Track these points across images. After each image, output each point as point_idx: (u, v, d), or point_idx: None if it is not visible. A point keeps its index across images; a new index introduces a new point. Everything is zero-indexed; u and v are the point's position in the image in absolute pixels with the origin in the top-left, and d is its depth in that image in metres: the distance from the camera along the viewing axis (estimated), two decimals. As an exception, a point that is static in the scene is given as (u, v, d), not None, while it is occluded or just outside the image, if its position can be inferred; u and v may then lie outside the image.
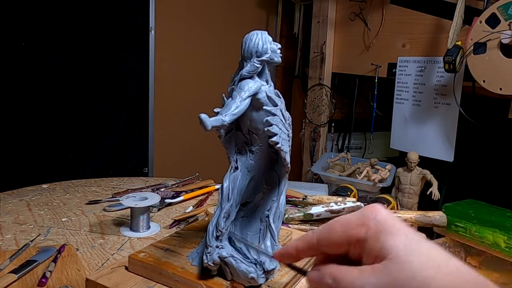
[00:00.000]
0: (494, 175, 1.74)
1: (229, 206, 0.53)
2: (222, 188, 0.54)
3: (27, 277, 0.64)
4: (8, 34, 1.53)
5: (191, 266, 0.54)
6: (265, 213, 0.55)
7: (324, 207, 0.90)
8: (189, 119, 2.16)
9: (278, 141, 0.50)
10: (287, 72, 2.40)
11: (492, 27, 1.13)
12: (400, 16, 1.58)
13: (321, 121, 1.96)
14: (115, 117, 1.86)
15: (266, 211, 0.55)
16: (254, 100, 0.51)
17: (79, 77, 1.72)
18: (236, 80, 0.52)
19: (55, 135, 1.70)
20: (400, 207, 1.46)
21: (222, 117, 0.46)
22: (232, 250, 0.52)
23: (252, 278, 0.50)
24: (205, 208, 0.99)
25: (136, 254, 0.56)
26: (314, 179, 1.94)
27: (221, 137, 0.54)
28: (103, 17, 1.74)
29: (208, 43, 2.14)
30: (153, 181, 1.23)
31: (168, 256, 0.56)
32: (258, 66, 0.51)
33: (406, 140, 1.60)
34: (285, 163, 0.54)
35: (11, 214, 0.92)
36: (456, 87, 1.36)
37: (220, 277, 0.52)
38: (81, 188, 1.14)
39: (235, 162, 0.55)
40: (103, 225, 0.89)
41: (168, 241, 0.61)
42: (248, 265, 0.51)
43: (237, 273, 0.50)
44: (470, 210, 1.02)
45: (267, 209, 0.56)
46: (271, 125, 0.49)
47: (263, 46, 0.51)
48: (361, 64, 1.75)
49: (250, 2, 2.29)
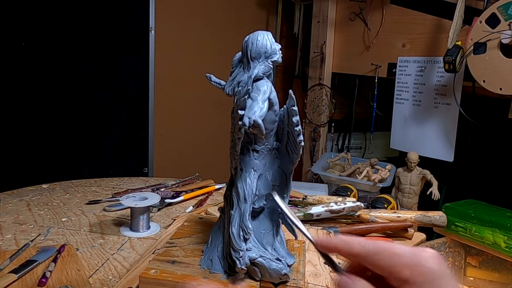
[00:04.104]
0: (494, 175, 1.74)
1: (248, 207, 0.52)
2: (236, 189, 0.53)
3: (27, 277, 0.64)
4: (8, 34, 1.53)
5: (211, 273, 0.52)
6: (277, 210, 0.55)
7: (324, 207, 0.90)
8: (189, 119, 2.17)
9: (302, 138, 0.51)
10: (287, 72, 2.40)
11: (492, 27, 1.13)
12: (400, 16, 1.58)
13: (321, 121, 1.96)
14: (115, 117, 1.86)
15: (277, 208, 0.56)
16: None
17: (79, 77, 1.72)
18: (250, 81, 0.51)
19: (55, 135, 1.70)
20: (400, 207, 1.46)
21: (254, 118, 0.47)
22: (259, 250, 0.51)
23: (285, 275, 0.50)
24: (205, 208, 0.99)
25: (145, 272, 0.52)
26: (314, 179, 1.94)
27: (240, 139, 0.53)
28: (103, 17, 1.74)
29: (208, 43, 2.14)
30: (153, 181, 1.23)
31: (180, 269, 0.53)
32: (271, 66, 0.52)
33: (406, 140, 1.60)
34: (296, 161, 0.55)
35: (11, 214, 0.92)
36: (456, 87, 1.36)
37: (248, 279, 0.51)
38: (81, 188, 1.14)
39: (239, 163, 0.55)
40: (103, 225, 0.89)
41: (168, 253, 0.57)
42: (277, 262, 0.51)
43: (269, 272, 0.50)
44: (470, 210, 1.02)
45: (278, 207, 0.56)
46: (298, 125, 0.50)
47: (272, 47, 0.52)
48: (361, 64, 1.75)
49: (250, 2, 2.29)
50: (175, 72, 2.05)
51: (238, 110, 0.48)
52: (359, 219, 0.92)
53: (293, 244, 0.61)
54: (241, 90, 0.52)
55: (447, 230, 1.03)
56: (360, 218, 0.91)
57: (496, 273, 1.00)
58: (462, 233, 1.01)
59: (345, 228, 0.87)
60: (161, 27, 1.93)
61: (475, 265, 1.03)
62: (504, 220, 0.95)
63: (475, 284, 1.02)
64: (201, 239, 0.61)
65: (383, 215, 0.91)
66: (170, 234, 0.72)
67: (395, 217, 0.91)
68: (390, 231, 0.89)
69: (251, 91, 0.51)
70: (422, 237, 0.92)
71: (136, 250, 0.78)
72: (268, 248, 0.53)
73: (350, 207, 0.90)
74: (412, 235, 0.89)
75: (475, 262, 1.03)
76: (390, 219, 0.91)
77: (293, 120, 0.50)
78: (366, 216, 0.90)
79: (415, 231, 0.91)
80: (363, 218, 0.91)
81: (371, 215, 0.90)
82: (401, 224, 0.89)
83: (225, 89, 0.56)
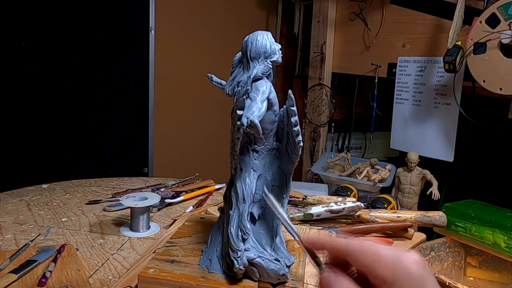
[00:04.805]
0: (494, 175, 1.74)
1: (247, 207, 0.52)
2: (235, 189, 0.53)
3: (27, 277, 0.64)
4: (8, 34, 1.53)
5: (210, 273, 0.52)
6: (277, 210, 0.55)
7: (324, 207, 0.90)
8: (189, 119, 2.17)
9: (300, 139, 0.51)
10: (287, 72, 2.40)
11: (492, 27, 1.13)
12: (400, 16, 1.58)
13: (321, 121, 1.96)
14: (115, 117, 1.86)
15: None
16: None
17: (79, 77, 1.72)
18: (249, 81, 0.51)
19: (55, 135, 1.70)
20: (400, 207, 1.46)
21: (252, 118, 0.46)
22: (257, 250, 0.51)
23: (284, 275, 0.50)
24: (205, 208, 0.99)
25: (144, 271, 0.52)
26: (314, 179, 1.94)
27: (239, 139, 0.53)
28: (103, 17, 1.74)
29: (208, 43, 2.14)
30: (153, 181, 1.23)
31: (179, 268, 0.53)
32: (271, 66, 0.52)
33: (406, 140, 1.60)
34: (296, 161, 0.55)
35: (11, 214, 0.92)
36: (456, 87, 1.36)
37: (246, 279, 0.51)
38: (81, 188, 1.14)
39: (238, 163, 0.55)
40: (103, 225, 0.89)
41: (167, 252, 0.57)
42: (276, 263, 0.51)
43: (267, 272, 0.50)
44: (470, 210, 1.02)
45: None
46: (297, 125, 0.50)
47: (271, 47, 0.52)
48: (361, 64, 1.75)
49: (250, 2, 2.29)
50: (175, 72, 2.05)
51: (237, 110, 0.48)
52: (359, 219, 0.92)
53: (293, 244, 0.61)
54: (240, 90, 0.52)
55: (447, 230, 1.03)
56: (360, 218, 0.91)
57: (496, 273, 1.00)
58: (462, 233, 1.01)
59: (345, 228, 0.87)
60: (161, 27, 1.93)
61: (475, 265, 1.04)
62: (504, 220, 0.95)
63: (475, 284, 1.03)
64: (202, 239, 0.61)
65: (383, 215, 0.92)
66: (170, 234, 0.72)
67: (395, 217, 0.91)
68: (390, 231, 0.89)
69: (250, 91, 0.51)
70: (422, 237, 0.92)
71: (136, 250, 0.78)
72: (267, 249, 0.52)
73: (350, 207, 0.90)
74: (412, 235, 0.89)
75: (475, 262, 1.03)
76: (390, 219, 0.91)
77: (292, 120, 0.50)
78: (366, 216, 0.90)
79: (415, 231, 0.91)
80: (363, 218, 0.91)
81: (371, 215, 0.90)
82: (401, 224, 0.89)
83: (225, 89, 0.56)
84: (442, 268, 1.01)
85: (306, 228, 0.80)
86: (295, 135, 0.51)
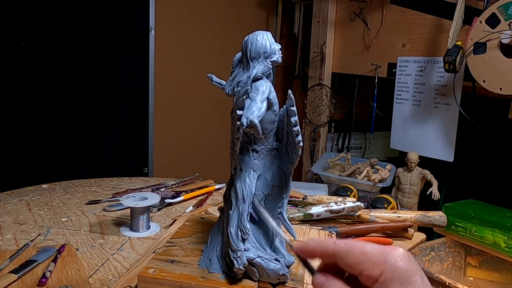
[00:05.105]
0: (494, 175, 1.74)
1: (247, 207, 0.52)
2: (235, 190, 0.53)
3: (27, 277, 0.64)
4: (8, 34, 1.53)
5: (210, 273, 0.52)
6: (277, 210, 0.55)
7: (324, 207, 0.90)
8: (189, 119, 2.17)
9: (300, 139, 0.51)
10: (287, 72, 2.39)
11: (492, 27, 1.13)
12: (400, 16, 1.58)
13: (321, 121, 1.96)
14: (115, 117, 1.86)
15: (277, 208, 0.55)
16: None
17: (79, 77, 1.72)
18: (249, 81, 0.51)
19: (55, 135, 1.70)
20: (400, 207, 1.46)
21: (252, 118, 0.46)
22: (257, 250, 0.51)
23: (283, 275, 0.50)
24: (205, 208, 0.99)
25: (144, 271, 0.52)
26: (314, 179, 1.94)
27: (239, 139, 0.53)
28: (103, 17, 1.74)
29: (208, 43, 2.14)
30: (153, 181, 1.23)
31: (179, 268, 0.53)
32: (270, 66, 0.52)
33: (406, 140, 1.60)
34: (296, 160, 0.55)
35: (11, 214, 0.92)
36: (456, 87, 1.36)
37: (246, 279, 0.51)
38: (81, 188, 1.14)
39: (238, 163, 0.55)
40: (103, 225, 0.89)
41: (167, 252, 0.57)
42: (275, 263, 0.51)
43: (267, 272, 0.50)
44: (470, 210, 1.02)
45: (278, 207, 0.55)
46: (297, 125, 0.50)
47: (271, 47, 0.52)
48: (361, 64, 1.75)
49: (250, 2, 2.29)
50: (175, 72, 2.05)
51: (237, 110, 0.48)
52: (359, 219, 0.92)
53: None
54: (240, 90, 0.52)
55: (447, 230, 1.03)
56: (360, 218, 0.91)
57: (496, 273, 1.00)
58: (462, 233, 1.01)
59: (345, 228, 0.87)
60: (161, 27, 1.93)
61: (475, 265, 1.03)
62: (504, 220, 0.95)
63: (475, 284, 1.02)
64: (202, 239, 0.61)
65: (383, 215, 0.92)
66: (170, 234, 0.72)
67: (395, 217, 0.91)
68: (390, 231, 0.89)
69: (250, 91, 0.51)
70: (422, 237, 0.92)
71: (136, 250, 0.78)
72: (267, 249, 0.52)
73: (350, 207, 0.90)
74: (412, 235, 0.89)
75: (475, 262, 1.03)
76: (390, 219, 0.91)
77: (292, 120, 0.50)
78: (366, 216, 0.90)
79: (415, 231, 0.91)
80: (363, 218, 0.91)
81: (371, 215, 0.90)
82: (401, 224, 0.89)
83: (225, 89, 0.56)
84: (442, 268, 1.01)
85: (306, 228, 0.80)
86: (295, 135, 0.51)
